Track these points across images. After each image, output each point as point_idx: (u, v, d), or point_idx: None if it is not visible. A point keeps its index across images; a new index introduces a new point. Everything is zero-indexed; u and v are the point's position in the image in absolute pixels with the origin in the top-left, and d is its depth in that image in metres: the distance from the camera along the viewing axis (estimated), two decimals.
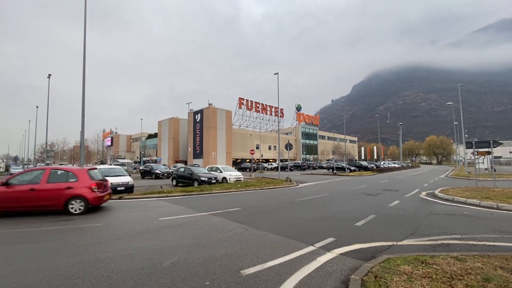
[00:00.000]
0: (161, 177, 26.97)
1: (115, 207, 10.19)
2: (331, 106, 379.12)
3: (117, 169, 15.70)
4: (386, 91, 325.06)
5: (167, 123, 63.01)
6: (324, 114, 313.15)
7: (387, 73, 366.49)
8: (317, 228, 6.57)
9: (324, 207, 9.90)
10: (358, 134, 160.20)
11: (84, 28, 14.00)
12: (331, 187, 17.74)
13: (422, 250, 4.89)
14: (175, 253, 4.65)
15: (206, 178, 17.95)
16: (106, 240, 5.52)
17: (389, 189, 16.02)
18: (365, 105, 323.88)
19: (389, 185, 18.80)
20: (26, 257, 4.56)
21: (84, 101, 13.67)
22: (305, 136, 76.78)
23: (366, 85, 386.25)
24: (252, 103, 60.26)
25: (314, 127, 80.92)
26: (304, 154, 73.78)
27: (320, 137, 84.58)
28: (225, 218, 7.67)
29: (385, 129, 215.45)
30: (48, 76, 24.46)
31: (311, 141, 79.22)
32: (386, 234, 6.02)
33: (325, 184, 20.45)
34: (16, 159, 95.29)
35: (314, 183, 21.29)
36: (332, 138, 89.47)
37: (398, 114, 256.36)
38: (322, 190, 16.16)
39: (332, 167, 37.46)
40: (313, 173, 36.28)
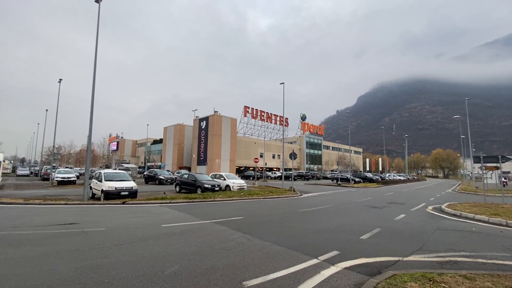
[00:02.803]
0: (165, 183, 27.01)
1: (119, 212, 10.20)
2: (336, 116, 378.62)
3: (122, 173, 15.80)
4: (392, 102, 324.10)
5: (172, 129, 63.55)
6: (329, 124, 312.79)
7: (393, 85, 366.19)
8: (321, 240, 6.46)
9: (328, 218, 9.76)
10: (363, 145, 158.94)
11: (96, 39, 14.38)
12: (335, 199, 17.53)
13: (429, 267, 4.76)
14: (177, 261, 4.60)
15: (209, 185, 17.92)
16: (108, 246, 5.50)
17: (394, 202, 15.76)
18: (370, 116, 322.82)
19: (394, 198, 18.50)
20: (29, 260, 4.56)
21: (92, 107, 13.91)
22: (309, 146, 76.56)
23: (372, 97, 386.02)
24: (257, 112, 60.56)
25: (319, 137, 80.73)
26: (308, 164, 73.37)
27: (325, 147, 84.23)
28: (227, 227, 7.61)
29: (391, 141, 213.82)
30: (59, 80, 25.04)
31: (315, 151, 78.91)
32: (392, 248, 5.89)
33: (329, 195, 20.23)
34: (23, 161, 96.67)
35: (318, 193, 21.08)
36: (336, 149, 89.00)
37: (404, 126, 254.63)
38: (326, 201, 15.97)
39: (337, 177, 37.10)
40: (317, 183, 35.95)
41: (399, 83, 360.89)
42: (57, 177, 24.58)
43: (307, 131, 75.10)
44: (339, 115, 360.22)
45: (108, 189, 13.13)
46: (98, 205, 11.88)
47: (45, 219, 8.42)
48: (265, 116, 62.41)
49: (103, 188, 13.27)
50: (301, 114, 73.24)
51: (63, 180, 24.38)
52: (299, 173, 50.05)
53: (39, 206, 11.24)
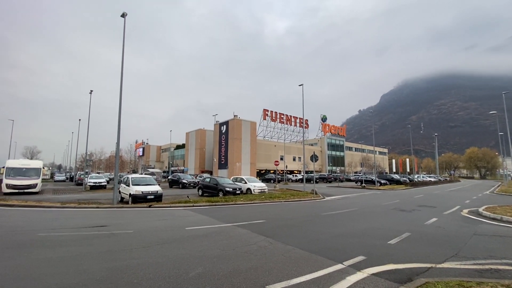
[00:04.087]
0: (188, 187, 27.71)
1: (146, 215, 10.62)
2: (358, 116, 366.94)
3: (148, 178, 16.45)
4: (419, 100, 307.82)
5: (194, 134, 65.21)
6: (351, 124, 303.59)
7: (419, 81, 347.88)
8: (346, 244, 6.26)
9: (353, 222, 9.44)
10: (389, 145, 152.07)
11: (123, 51, 15.23)
12: (360, 201, 16.92)
13: (466, 275, 4.42)
14: (201, 264, 4.69)
15: (231, 188, 18.10)
16: (136, 247, 5.74)
17: (425, 205, 14.88)
18: (395, 115, 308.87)
19: (424, 200, 17.48)
20: (65, 260, 4.89)
21: (120, 116, 14.69)
22: (331, 148, 74.79)
23: (396, 94, 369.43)
24: (276, 114, 60.39)
25: (341, 138, 78.63)
26: (330, 166, 71.65)
27: (347, 149, 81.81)
28: (249, 230, 7.62)
29: (419, 140, 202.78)
30: (90, 92, 26.76)
31: (337, 153, 76.90)
32: (424, 254, 5.55)
33: (353, 198, 19.58)
34: (60, 167, 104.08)
35: (342, 196, 20.49)
36: (360, 150, 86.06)
37: (433, 124, 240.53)
38: (351, 204, 15.47)
39: (361, 180, 35.85)
40: (340, 186, 34.97)
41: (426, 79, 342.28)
42: (89, 182, 26.17)
43: (328, 132, 73.47)
44: (362, 115, 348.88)
45: (135, 193, 13.73)
46: (126, 209, 12.46)
47: (79, 222, 8.98)
48: (285, 119, 62.04)
49: (130, 192, 13.90)
50: (322, 115, 71.90)
51: (94, 185, 25.89)
52: (321, 175, 49.01)
53: (74, 209, 12.03)
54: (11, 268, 4.44)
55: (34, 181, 20.62)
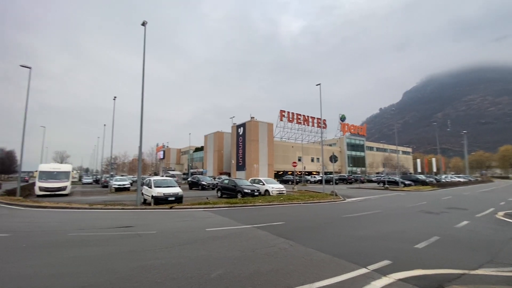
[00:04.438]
0: (207, 188, 28.15)
1: (168, 216, 10.92)
2: (379, 115, 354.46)
3: (169, 180, 16.92)
4: (444, 96, 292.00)
5: (212, 137, 66.29)
6: (372, 123, 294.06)
7: (444, 76, 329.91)
8: (370, 248, 6.04)
9: (377, 225, 9.11)
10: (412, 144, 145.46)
11: (143, 58, 15.81)
12: (383, 203, 16.31)
13: (504, 283, 4.10)
14: (222, 265, 4.72)
15: (249, 190, 18.15)
16: (159, 248, 5.90)
17: (454, 207, 14.05)
18: (419, 112, 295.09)
19: (453, 202, 16.51)
20: (93, 259, 5.12)
21: (142, 122, 15.25)
22: (350, 148, 72.86)
23: (420, 91, 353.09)
24: (293, 115, 59.90)
25: (361, 138, 76.39)
26: (350, 167, 69.80)
27: (368, 148, 79.30)
28: (269, 232, 7.58)
29: (445, 139, 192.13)
30: (114, 98, 28.05)
31: (357, 153, 74.76)
32: (455, 260, 5.23)
33: (375, 199, 18.92)
34: (87, 170, 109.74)
35: (363, 198, 19.86)
36: (381, 149, 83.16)
37: (461, 122, 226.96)
38: (373, 206, 14.95)
39: (383, 180, 34.56)
40: (361, 187, 33.93)
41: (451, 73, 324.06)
42: (114, 184, 27.36)
43: (347, 132, 71.65)
44: (383, 113, 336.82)
45: (157, 195, 14.16)
46: (149, 210, 12.87)
47: (106, 223, 9.40)
48: (302, 119, 61.36)
49: (153, 194, 14.35)
50: (340, 115, 70.31)
51: (119, 187, 27.02)
52: (341, 176, 47.87)
53: (101, 210, 12.61)
54: (45, 266, 4.72)
55: (64, 184, 21.88)
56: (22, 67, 18.89)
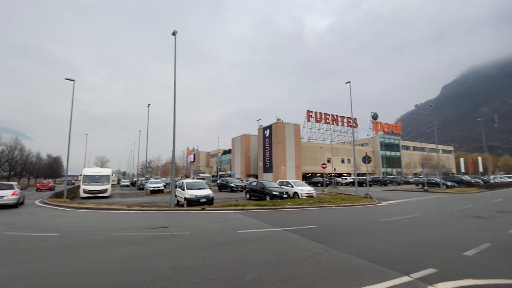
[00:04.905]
0: (236, 190, 28.55)
1: (200, 217, 11.23)
2: (415, 112, 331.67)
3: (200, 182, 17.44)
4: (489, 89, 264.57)
5: (239, 139, 67.17)
6: (407, 121, 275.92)
7: (489, 67, 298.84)
8: (411, 254, 5.62)
9: (418, 230, 8.49)
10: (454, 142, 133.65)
11: (174, 65, 16.58)
12: (423, 206, 15.20)
13: None
14: (256, 268, 4.71)
15: (277, 192, 18.03)
16: (194, 249, 6.07)
17: (507, 210, 12.61)
18: (460, 107, 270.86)
19: (506, 205, 14.83)
20: (133, 258, 5.42)
21: (174, 127, 15.96)
22: (384, 147, 69.07)
23: (461, 84, 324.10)
24: (321, 115, 58.51)
25: (396, 137, 72.10)
26: (384, 168, 66.14)
27: (404, 148, 74.58)
28: (301, 235, 7.42)
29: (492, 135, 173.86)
30: (148, 105, 29.75)
31: (392, 153, 70.62)
32: (510, 269, 4.66)
33: (414, 202, 17.69)
34: (124, 174, 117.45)
35: (400, 201, 18.68)
36: (419, 149, 77.71)
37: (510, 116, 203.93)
38: (412, 209, 13.99)
39: (422, 182, 32.22)
40: (398, 189, 31.96)
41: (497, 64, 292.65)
42: (149, 187, 28.91)
43: (381, 131, 68.14)
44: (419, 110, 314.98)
45: (190, 196, 14.66)
46: (183, 211, 13.36)
47: (143, 223, 9.93)
48: (330, 119, 59.71)
49: (185, 196, 14.89)
50: (372, 113, 67.16)
51: (154, 189, 28.49)
52: (375, 178, 45.58)
53: (138, 212, 13.38)
54: (90, 264, 5.09)
55: (105, 187, 23.60)
56: (67, 80, 20.84)
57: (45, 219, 11.31)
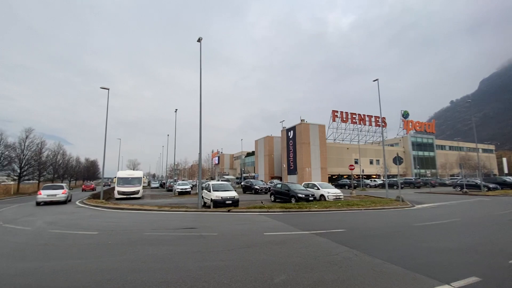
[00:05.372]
0: (260, 192, 28.60)
1: (226, 219, 11.41)
2: (450, 108, 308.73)
3: (225, 184, 17.73)
4: None
5: (262, 141, 67.30)
6: (441, 119, 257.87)
7: None
8: (451, 261, 5.23)
9: (457, 236, 7.88)
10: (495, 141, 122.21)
11: (200, 71, 17.10)
12: (461, 210, 14.09)
13: None
14: (284, 271, 4.67)
15: (303, 195, 17.74)
16: (222, 250, 6.18)
17: None
18: (502, 103, 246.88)
19: None
20: (166, 257, 5.65)
21: (201, 133, 16.47)
22: (416, 147, 65.11)
23: (501, 77, 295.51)
24: (347, 115, 56.76)
25: (429, 136, 67.69)
26: (417, 169, 62.29)
27: (438, 147, 69.76)
28: (329, 239, 7.24)
29: None
30: (175, 110, 30.96)
31: (425, 153, 66.32)
32: None
33: (452, 206, 16.45)
34: (154, 176, 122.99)
35: (436, 204, 17.47)
36: (455, 148, 72.27)
37: None
38: (450, 213, 13.03)
39: (461, 184, 29.85)
40: (432, 192, 29.94)
41: None
42: (177, 188, 29.99)
43: (412, 129, 64.41)
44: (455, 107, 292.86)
45: (216, 198, 14.96)
46: (209, 212, 13.67)
47: (173, 224, 10.32)
48: (357, 118, 57.67)
49: (212, 198, 15.22)
50: (402, 111, 63.76)
51: (181, 191, 29.50)
52: (406, 179, 43.09)
53: (168, 212, 13.93)
54: (127, 261, 5.39)
55: (137, 188, 24.89)
56: (102, 88, 22.39)
57: (85, 218, 12.20)
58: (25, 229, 9.45)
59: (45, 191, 19.55)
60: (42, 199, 18.92)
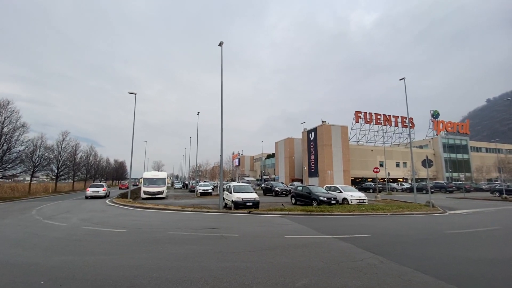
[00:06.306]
0: (280, 195, 28.39)
1: (247, 220, 11.46)
2: (487, 107, 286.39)
3: (246, 186, 17.84)
4: None
5: (283, 143, 66.86)
6: (477, 118, 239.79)
7: None
8: (488, 274, 4.82)
9: (496, 245, 7.26)
10: None
11: (221, 75, 17.42)
12: (501, 218, 12.98)
13: None
14: (305, 275, 4.59)
15: (325, 198, 17.34)
16: (243, 251, 6.21)
17: None
18: None
19: None
20: (189, 256, 5.78)
21: (222, 133, 16.76)
22: (448, 149, 61.07)
23: None
24: (371, 115, 54.73)
25: (463, 137, 63.23)
26: (449, 172, 58.36)
27: (473, 149, 64.89)
28: (353, 244, 6.99)
29: None
30: (197, 113, 31.77)
31: (458, 155, 61.97)
32: None
33: (490, 213, 15.21)
34: (177, 177, 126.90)
35: (471, 210, 16.25)
36: (493, 150, 66.74)
37: None
38: (488, 221, 12.06)
39: (500, 189, 27.52)
40: (467, 197, 27.88)
41: None
42: (199, 189, 30.67)
43: (443, 130, 60.59)
44: (492, 105, 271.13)
45: (237, 199, 15.09)
46: (230, 214, 13.81)
47: (196, 224, 10.55)
48: (382, 119, 55.39)
49: (233, 199, 15.37)
50: (432, 111, 60.24)
51: (203, 192, 30.13)
52: (437, 184, 40.57)
53: (191, 212, 14.29)
54: (153, 259, 5.59)
55: (161, 189, 25.82)
56: (130, 93, 23.57)
57: (114, 216, 12.88)
58: (62, 225, 10.17)
59: (91, 188, 26.72)
60: (89, 194, 25.80)
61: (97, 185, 28.09)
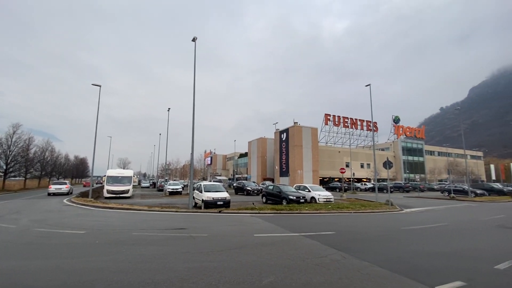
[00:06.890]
0: (252, 194, 28.59)
1: (217, 220, 11.36)
2: (440, 115, 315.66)
3: (217, 185, 17.66)
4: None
5: (256, 143, 67.33)
6: (431, 125, 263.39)
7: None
8: (437, 266, 5.35)
9: (444, 240, 8.06)
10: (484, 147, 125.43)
11: (194, 71, 17.02)
12: (449, 215, 14.42)
13: None
14: (272, 272, 4.68)
15: (294, 197, 17.82)
16: (211, 251, 6.15)
17: None
18: (490, 110, 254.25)
19: None
20: (154, 257, 5.57)
21: (193, 133, 16.33)
22: (406, 152, 66.33)
23: (490, 86, 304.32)
24: (340, 118, 57.38)
25: (419, 141, 69.08)
26: (406, 173, 63.38)
27: (428, 153, 71.23)
28: (318, 241, 7.29)
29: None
30: (168, 109, 30.68)
31: (415, 158, 67.65)
32: None
33: (440, 210, 16.81)
34: (145, 175, 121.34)
35: (424, 208, 17.82)
36: (444, 154, 73.80)
37: None
38: (438, 218, 13.31)
39: (449, 189, 30.56)
40: (421, 196, 30.53)
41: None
42: (168, 188, 29.66)
43: (403, 135, 65.59)
44: (445, 113, 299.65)
45: (207, 199, 14.87)
46: (200, 213, 13.57)
47: (163, 224, 10.20)
48: (349, 122, 58.36)
49: (203, 198, 15.13)
50: (394, 116, 64.86)
51: (172, 191, 29.19)
52: (396, 184, 43.84)
53: (158, 212, 13.75)
54: (114, 261, 5.31)
55: (127, 187, 24.48)
56: (94, 85, 21.98)
57: (72, 217, 11.94)
58: (10, 227, 9.20)
59: (54, 185, 27.45)
60: (52, 191, 26.28)
61: (60, 183, 28.96)
